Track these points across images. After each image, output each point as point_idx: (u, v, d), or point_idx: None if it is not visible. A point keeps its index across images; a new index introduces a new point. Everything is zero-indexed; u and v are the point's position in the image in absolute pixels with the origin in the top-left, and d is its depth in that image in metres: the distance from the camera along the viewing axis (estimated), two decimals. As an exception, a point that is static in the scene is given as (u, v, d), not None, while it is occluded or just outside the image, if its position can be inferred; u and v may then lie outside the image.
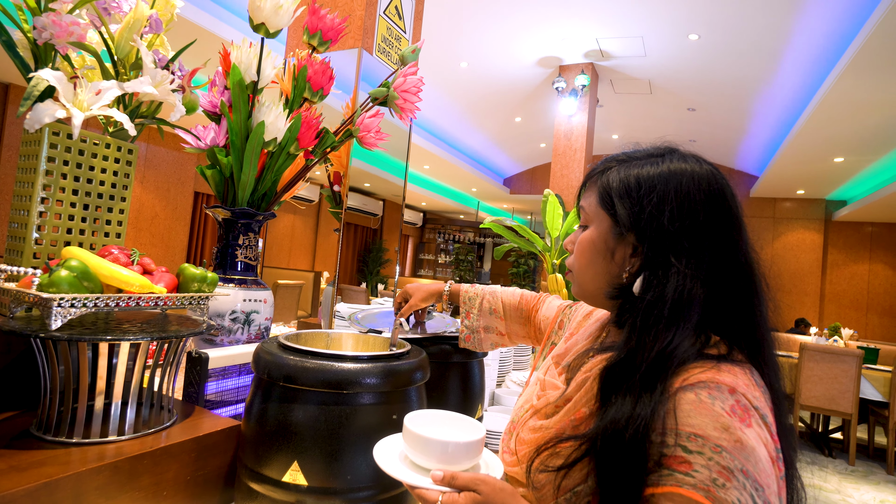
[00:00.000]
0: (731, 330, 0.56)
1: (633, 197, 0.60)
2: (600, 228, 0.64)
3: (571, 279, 0.70)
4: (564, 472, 0.56)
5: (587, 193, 0.68)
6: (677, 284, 0.54)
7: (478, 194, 11.03)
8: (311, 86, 1.14)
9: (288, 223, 8.19)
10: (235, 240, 1.13)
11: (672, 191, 0.58)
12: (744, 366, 0.53)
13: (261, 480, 0.65)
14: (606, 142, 8.35)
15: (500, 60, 5.74)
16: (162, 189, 6.35)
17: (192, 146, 1.04)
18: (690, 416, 0.49)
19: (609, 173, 0.65)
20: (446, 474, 0.56)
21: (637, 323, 0.55)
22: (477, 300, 1.05)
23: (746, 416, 0.49)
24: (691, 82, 5.76)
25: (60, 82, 0.76)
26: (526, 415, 0.67)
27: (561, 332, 0.89)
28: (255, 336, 1.13)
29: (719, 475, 0.46)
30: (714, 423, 0.48)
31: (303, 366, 0.65)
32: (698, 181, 0.59)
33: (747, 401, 0.50)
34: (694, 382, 0.50)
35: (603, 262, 0.64)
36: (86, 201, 0.89)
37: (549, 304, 1.01)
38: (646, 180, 0.60)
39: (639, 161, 0.63)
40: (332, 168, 1.65)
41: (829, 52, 4.32)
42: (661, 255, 0.56)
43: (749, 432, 0.48)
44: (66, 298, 0.64)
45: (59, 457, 0.63)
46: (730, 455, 0.46)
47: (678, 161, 0.61)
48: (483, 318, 1.04)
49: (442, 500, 0.55)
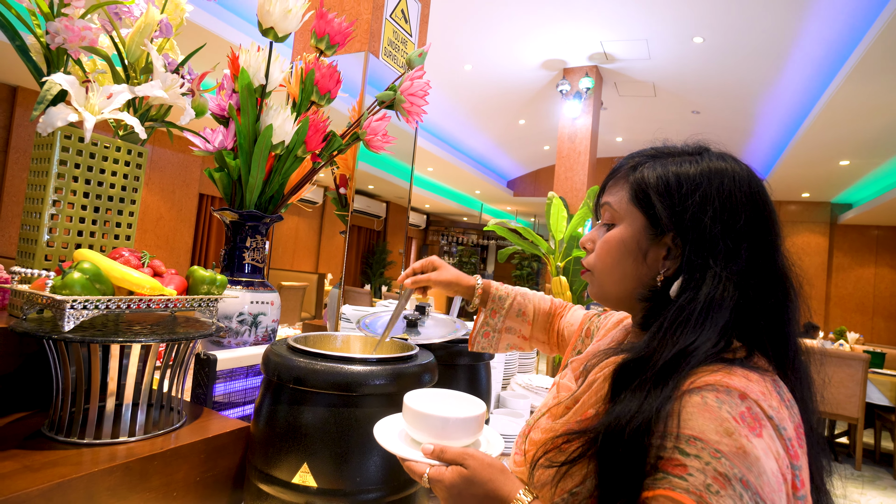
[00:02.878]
0: (758, 337, 0.54)
1: (674, 196, 0.57)
2: (632, 228, 0.61)
3: (590, 279, 0.67)
4: (564, 471, 0.54)
5: (614, 189, 0.64)
6: (713, 287, 0.52)
7: (481, 196, 11.03)
8: (318, 89, 1.14)
9: (292, 225, 8.21)
10: (243, 242, 1.14)
11: (715, 190, 0.56)
12: (765, 374, 0.50)
13: (270, 482, 0.66)
14: (610, 144, 8.34)
15: (504, 63, 5.74)
16: (167, 191, 6.38)
17: (201, 149, 1.05)
18: (693, 418, 0.46)
19: (643, 169, 0.61)
20: (436, 448, 0.56)
21: (664, 324, 0.53)
22: (507, 300, 0.99)
23: (757, 426, 0.46)
24: (696, 85, 5.75)
25: (73, 86, 0.77)
26: (541, 418, 0.67)
27: (588, 340, 0.87)
28: (262, 338, 1.14)
29: (714, 481, 0.44)
30: (717, 428, 0.45)
31: (312, 368, 0.66)
32: (739, 181, 0.57)
33: (760, 409, 0.47)
34: (701, 385, 0.48)
35: (632, 264, 0.60)
36: (96, 203, 0.89)
37: (573, 311, 0.99)
38: (687, 179, 0.57)
39: (675, 158, 0.60)
40: (339, 171, 1.66)
41: (835, 54, 4.30)
42: (701, 258, 0.54)
43: (757, 442, 0.45)
44: (79, 300, 0.64)
45: (71, 457, 0.63)
46: (729, 462, 0.44)
47: (717, 160, 0.59)
48: (508, 320, 0.99)
49: (428, 473, 0.55)
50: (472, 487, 0.54)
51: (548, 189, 9.18)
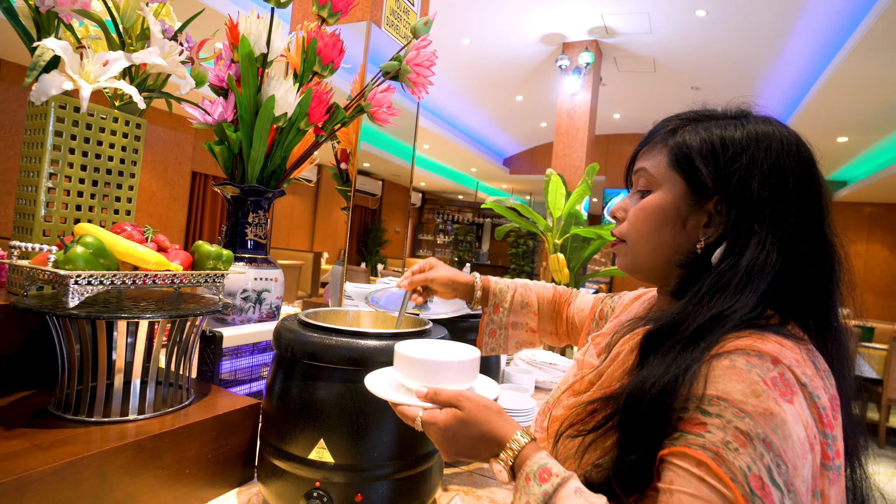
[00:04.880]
0: (797, 305, 0.52)
1: (719, 159, 0.54)
2: (672, 193, 0.58)
3: (622, 250, 0.63)
4: (589, 442, 0.53)
5: (650, 154, 0.61)
6: (756, 253, 0.50)
7: (477, 174, 10.95)
8: (321, 59, 1.10)
9: (287, 203, 8.13)
10: (245, 217, 1.11)
11: (762, 154, 0.53)
12: (800, 342, 0.48)
13: (286, 458, 0.65)
14: (608, 121, 8.27)
15: (503, 37, 5.63)
16: (159, 169, 6.27)
17: (200, 121, 1.02)
18: (719, 380, 0.44)
19: (683, 133, 0.58)
20: (430, 391, 0.54)
21: (701, 289, 0.52)
22: (508, 293, 0.95)
23: (788, 392, 0.44)
24: (696, 60, 5.67)
25: (66, 52, 0.73)
26: (562, 395, 0.65)
27: (603, 322, 0.85)
28: (267, 315, 1.12)
29: (735, 439, 0.42)
30: (744, 389, 0.43)
31: (327, 343, 0.64)
32: (788, 145, 0.54)
33: (793, 375, 0.45)
34: (731, 349, 0.46)
35: (671, 232, 0.58)
36: (94, 177, 0.86)
37: (581, 297, 0.96)
38: (733, 142, 0.54)
39: (718, 121, 0.57)
40: (339, 146, 1.62)
41: (840, 28, 4.24)
42: (747, 223, 0.52)
43: (787, 407, 0.43)
44: (84, 276, 0.62)
45: (80, 435, 0.62)
46: (752, 421, 0.42)
47: (762, 123, 0.56)
48: (513, 314, 0.95)
49: (422, 416, 0.53)
50: (467, 428, 0.52)
51: (544, 167, 9.12)
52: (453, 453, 0.54)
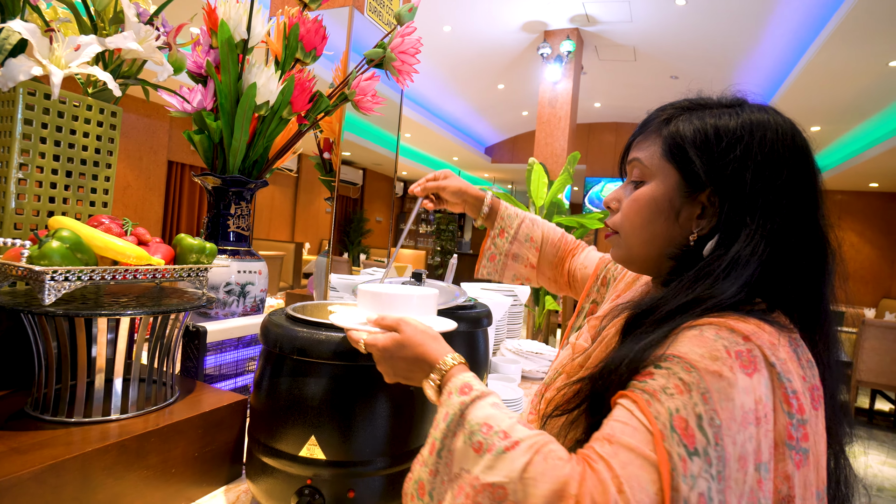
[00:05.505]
0: (786, 296, 0.51)
1: (713, 150, 0.53)
2: (665, 184, 0.57)
3: (615, 242, 0.63)
4: (572, 419, 0.54)
5: (643, 144, 0.60)
6: (744, 244, 0.50)
7: (459, 163, 10.91)
8: (303, 45, 1.07)
9: (267, 193, 7.99)
10: (227, 209, 1.08)
11: (757, 144, 0.52)
12: (783, 330, 0.48)
13: (276, 455, 0.64)
14: (588, 110, 8.30)
15: (485, 24, 5.58)
16: (134, 158, 6.09)
17: (179, 109, 0.98)
18: (681, 344, 0.45)
19: (677, 122, 0.57)
20: (378, 317, 0.58)
21: (685, 278, 0.51)
22: (515, 220, 0.94)
23: (751, 366, 0.43)
24: (676, 49, 5.71)
25: (34, 35, 0.70)
26: (557, 378, 0.66)
27: (605, 290, 0.84)
28: (251, 308, 1.10)
29: (674, 386, 0.42)
30: (703, 352, 0.43)
31: (316, 338, 0.63)
32: (783, 135, 0.53)
33: (762, 354, 0.44)
34: (703, 323, 0.46)
35: (664, 224, 0.57)
36: (68, 167, 0.83)
37: (587, 253, 0.94)
38: (727, 131, 0.53)
39: (712, 110, 0.56)
40: (322, 135, 1.59)
41: (814, 19, 4.31)
42: (739, 216, 0.51)
43: (742, 377, 0.42)
44: (60, 271, 0.60)
45: (60, 437, 0.60)
46: (698, 375, 0.42)
47: (757, 112, 0.55)
48: (516, 244, 0.94)
49: (365, 339, 0.57)
50: (403, 350, 0.55)
51: (526, 156, 9.12)
52: (392, 375, 0.58)
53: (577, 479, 0.40)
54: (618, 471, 0.40)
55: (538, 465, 0.41)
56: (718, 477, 0.39)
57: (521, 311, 1.99)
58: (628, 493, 0.38)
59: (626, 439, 0.41)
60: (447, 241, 11.91)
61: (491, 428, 0.45)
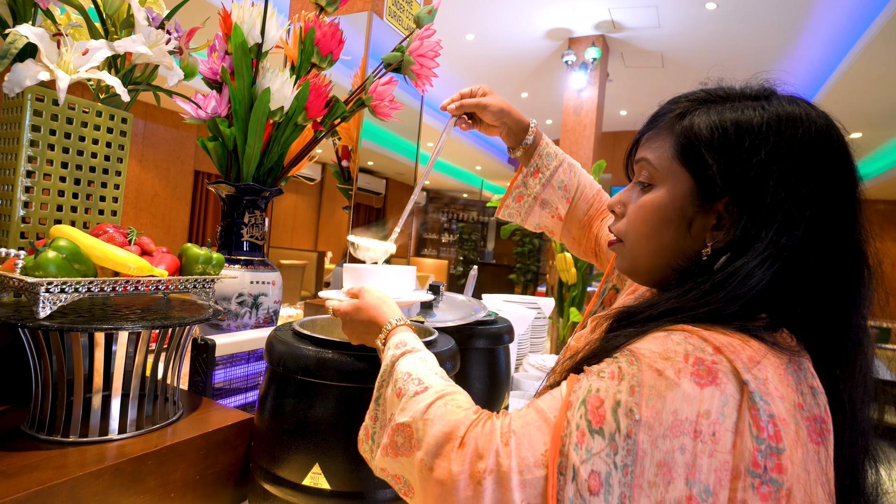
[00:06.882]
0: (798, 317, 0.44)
1: (732, 151, 0.46)
2: (676, 190, 0.50)
3: (620, 251, 0.56)
4: None
5: (653, 141, 0.53)
6: (751, 257, 0.43)
7: (482, 173, 10.87)
8: (319, 50, 1.04)
9: (290, 202, 8.09)
10: (241, 218, 1.05)
11: (785, 144, 0.44)
12: (781, 351, 0.41)
13: (278, 483, 0.59)
14: (614, 118, 8.15)
15: (508, 33, 5.54)
16: (161, 168, 6.24)
17: (192, 116, 0.96)
18: (643, 342, 0.42)
19: (692, 117, 0.49)
20: (351, 288, 0.67)
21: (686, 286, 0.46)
22: (554, 161, 0.84)
23: (708, 379, 0.37)
24: (706, 55, 5.56)
25: (42, 40, 0.68)
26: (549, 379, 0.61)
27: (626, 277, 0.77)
28: (264, 320, 1.06)
29: (609, 373, 0.40)
30: (657, 350, 0.40)
31: (322, 357, 0.58)
32: (816, 132, 0.45)
33: (732, 369, 0.38)
34: (676, 328, 0.42)
35: (673, 234, 0.50)
36: (77, 175, 0.81)
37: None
38: (750, 129, 0.46)
39: (734, 103, 0.49)
40: (341, 142, 1.56)
41: (854, 21, 4.13)
42: (756, 229, 0.44)
43: (688, 385, 0.37)
44: (55, 283, 0.57)
45: (53, 459, 0.57)
46: (637, 369, 0.39)
47: (787, 104, 0.47)
48: (549, 189, 0.85)
49: (332, 303, 0.65)
50: (359, 314, 0.61)
51: (550, 164, 9.01)
52: (354, 337, 0.63)
53: (466, 424, 0.43)
54: (515, 427, 0.42)
55: (438, 408, 0.46)
56: (625, 470, 0.37)
57: (545, 324, 1.92)
58: (513, 446, 0.40)
59: (540, 404, 0.43)
60: (469, 250, 11.84)
61: (410, 376, 0.50)
